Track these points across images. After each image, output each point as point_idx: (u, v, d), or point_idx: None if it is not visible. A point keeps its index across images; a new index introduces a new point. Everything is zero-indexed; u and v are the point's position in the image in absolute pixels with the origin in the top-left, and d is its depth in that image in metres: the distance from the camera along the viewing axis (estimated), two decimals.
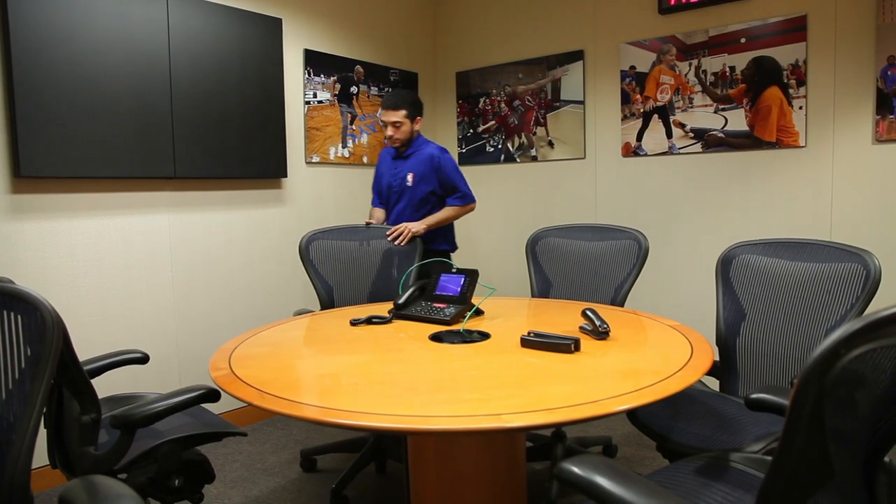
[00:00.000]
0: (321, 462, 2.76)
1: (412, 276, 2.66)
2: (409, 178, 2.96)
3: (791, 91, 3.00)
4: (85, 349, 2.65)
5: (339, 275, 2.72)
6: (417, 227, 2.83)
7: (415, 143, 2.98)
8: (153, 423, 1.51)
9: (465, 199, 3.00)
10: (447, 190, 2.97)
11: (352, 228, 2.83)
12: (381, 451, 2.59)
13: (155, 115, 2.78)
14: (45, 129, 2.45)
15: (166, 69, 2.82)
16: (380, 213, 3.08)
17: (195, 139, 2.93)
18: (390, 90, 2.77)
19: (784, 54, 3.01)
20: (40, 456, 2.39)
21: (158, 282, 2.92)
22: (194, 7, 2.91)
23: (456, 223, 3.14)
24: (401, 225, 2.80)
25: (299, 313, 2.35)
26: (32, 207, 2.51)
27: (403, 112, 2.88)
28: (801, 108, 2.98)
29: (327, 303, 2.64)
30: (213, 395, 1.54)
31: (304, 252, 2.66)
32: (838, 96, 2.90)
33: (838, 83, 2.90)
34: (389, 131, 2.90)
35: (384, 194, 3.08)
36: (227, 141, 3.07)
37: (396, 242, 2.78)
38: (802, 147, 3.00)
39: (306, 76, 3.51)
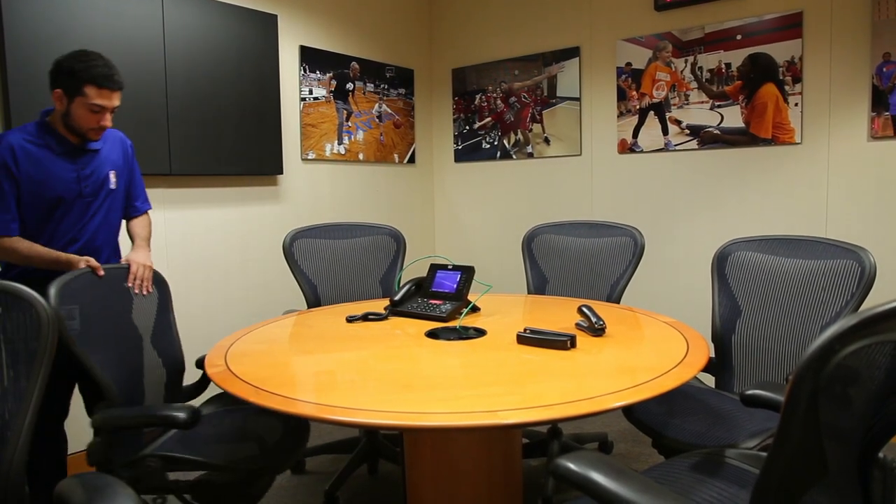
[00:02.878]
0: (314, 463, 2.76)
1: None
2: (112, 177, 2.05)
3: (787, 88, 3.01)
4: None
5: (323, 273, 2.69)
6: (148, 257, 2.01)
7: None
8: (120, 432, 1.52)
9: (148, 202, 2.26)
10: (133, 190, 2.19)
11: (335, 226, 2.79)
12: (374, 452, 2.59)
13: (150, 111, 2.77)
14: None
15: (161, 66, 2.81)
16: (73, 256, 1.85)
17: (191, 136, 2.92)
18: (105, 62, 1.87)
19: (780, 51, 3.01)
20: None
21: None
22: (189, 4, 2.90)
23: (447, 218, 3.02)
24: (134, 266, 1.87)
25: (287, 314, 2.34)
26: None
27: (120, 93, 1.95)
28: (796, 104, 2.99)
29: (313, 301, 2.63)
30: (184, 423, 1.45)
31: (288, 250, 2.64)
32: (834, 93, 2.91)
33: (834, 80, 2.90)
34: (106, 121, 1.92)
35: (45, 210, 1.90)
36: (223, 137, 3.06)
37: (144, 292, 1.88)
38: (798, 144, 3.00)
39: (302, 73, 3.50)
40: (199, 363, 1.71)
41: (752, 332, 1.92)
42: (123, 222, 2.18)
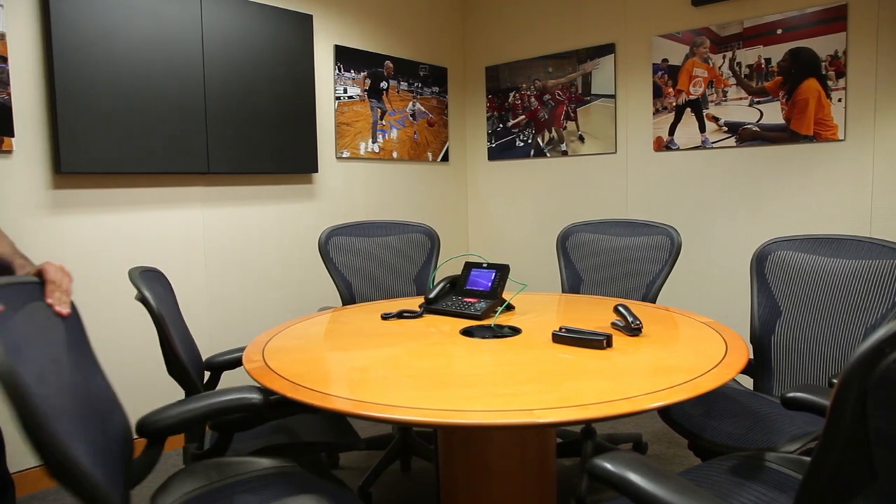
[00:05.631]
0: (347, 459, 2.79)
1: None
2: None
3: (829, 83, 2.93)
4: (120, 342, 2.72)
5: (358, 270, 2.71)
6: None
7: None
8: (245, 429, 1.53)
9: None
10: None
11: (370, 224, 2.81)
12: (407, 448, 2.60)
13: (189, 111, 2.83)
14: (84, 127, 2.51)
15: (200, 66, 2.86)
16: None
17: (228, 135, 2.98)
18: None
19: (822, 45, 2.93)
20: None
21: (192, 275, 2.97)
22: (227, 5, 2.95)
23: (481, 217, 3.02)
24: (53, 272, 1.22)
25: (323, 311, 2.37)
26: (72, 202, 2.58)
27: None
28: (839, 100, 2.91)
29: (348, 298, 2.65)
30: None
31: (324, 248, 2.67)
32: (880, 88, 2.82)
33: (880, 75, 2.82)
34: None
35: None
36: (259, 136, 3.11)
37: (64, 311, 1.20)
38: (841, 141, 2.92)
39: (336, 72, 3.54)
40: (207, 366, 1.83)
41: (793, 333, 1.88)
42: None
